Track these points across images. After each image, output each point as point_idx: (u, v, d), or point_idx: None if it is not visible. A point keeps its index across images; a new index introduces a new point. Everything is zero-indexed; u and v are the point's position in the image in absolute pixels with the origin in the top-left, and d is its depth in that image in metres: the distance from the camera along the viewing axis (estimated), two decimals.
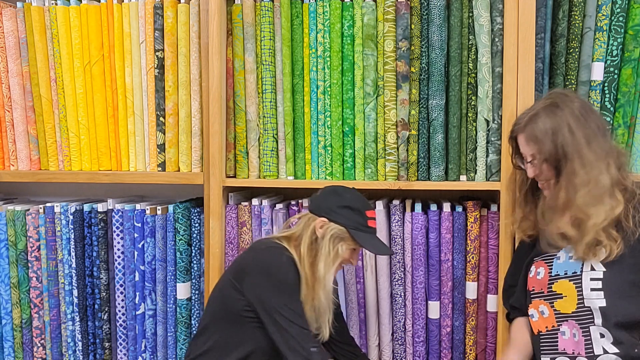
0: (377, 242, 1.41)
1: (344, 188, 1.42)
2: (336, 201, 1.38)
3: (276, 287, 1.33)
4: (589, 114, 1.25)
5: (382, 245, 1.42)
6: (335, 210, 1.37)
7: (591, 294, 1.20)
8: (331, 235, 1.36)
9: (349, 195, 1.40)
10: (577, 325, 1.21)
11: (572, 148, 1.20)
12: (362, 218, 1.37)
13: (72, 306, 1.77)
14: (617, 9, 1.45)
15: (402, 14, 1.55)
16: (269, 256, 1.36)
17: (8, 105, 1.81)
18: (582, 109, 1.24)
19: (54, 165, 1.81)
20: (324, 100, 1.63)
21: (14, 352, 1.82)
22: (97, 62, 1.74)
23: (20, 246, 1.80)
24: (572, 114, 1.23)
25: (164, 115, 1.71)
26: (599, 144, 1.21)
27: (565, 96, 1.28)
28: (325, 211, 1.37)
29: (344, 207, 1.37)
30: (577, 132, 1.21)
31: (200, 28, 1.66)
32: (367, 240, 1.37)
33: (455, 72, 1.54)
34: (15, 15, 1.77)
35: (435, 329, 1.62)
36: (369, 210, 1.39)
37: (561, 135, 1.22)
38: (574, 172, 1.20)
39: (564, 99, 1.27)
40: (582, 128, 1.21)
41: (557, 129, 1.22)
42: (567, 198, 1.22)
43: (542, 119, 1.25)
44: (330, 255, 1.36)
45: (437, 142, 1.56)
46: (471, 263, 1.58)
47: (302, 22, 1.64)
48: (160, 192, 2.01)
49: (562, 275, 1.26)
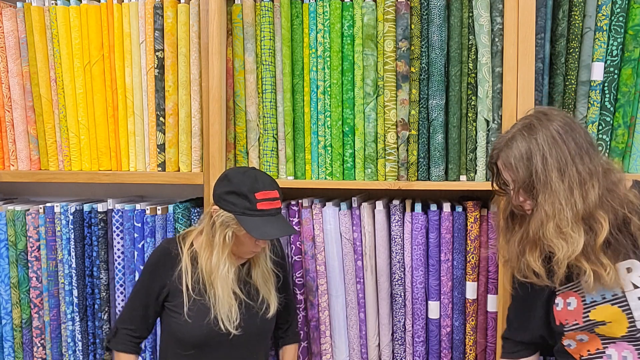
0: (267, 225, 1.33)
1: (238, 171, 1.39)
2: (224, 187, 1.36)
3: (143, 267, 1.48)
4: (569, 133, 1.15)
5: (273, 228, 1.34)
6: (222, 197, 1.35)
7: None
8: (220, 222, 1.36)
9: (238, 179, 1.35)
10: (632, 346, 1.14)
11: (543, 177, 1.13)
12: (248, 202, 1.32)
13: (72, 306, 1.77)
14: (617, 9, 1.45)
15: (402, 14, 1.55)
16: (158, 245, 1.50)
17: (8, 105, 1.81)
18: (561, 129, 1.15)
19: (54, 165, 1.81)
20: (324, 100, 1.63)
21: (14, 352, 1.82)
22: (97, 62, 1.74)
23: (20, 246, 1.80)
24: (548, 136, 1.15)
25: (164, 115, 1.71)
26: (577, 169, 1.13)
27: (543, 115, 1.19)
28: (216, 198, 1.38)
29: (230, 193, 1.34)
30: (550, 158, 1.13)
31: (200, 28, 1.66)
32: (253, 224, 1.32)
33: (455, 72, 1.55)
34: (15, 15, 1.77)
35: (435, 329, 1.62)
36: (259, 192, 1.34)
37: (534, 162, 1.14)
38: (544, 203, 1.13)
39: (542, 119, 1.18)
40: (557, 153, 1.13)
41: (530, 155, 1.15)
42: (536, 230, 1.15)
43: (516, 144, 1.17)
44: (220, 244, 1.37)
45: (437, 142, 1.56)
46: (471, 263, 1.58)
47: (302, 22, 1.64)
48: (160, 192, 2.01)
49: (600, 301, 1.17)
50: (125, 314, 1.48)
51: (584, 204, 1.11)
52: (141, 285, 1.47)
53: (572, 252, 1.11)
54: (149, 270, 1.46)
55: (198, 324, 1.38)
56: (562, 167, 1.13)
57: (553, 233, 1.12)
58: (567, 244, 1.11)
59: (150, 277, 1.44)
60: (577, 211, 1.11)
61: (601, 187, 1.13)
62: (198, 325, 1.38)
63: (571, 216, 1.11)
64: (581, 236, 1.11)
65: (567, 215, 1.11)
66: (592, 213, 1.12)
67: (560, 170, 1.13)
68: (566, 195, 1.12)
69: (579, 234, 1.11)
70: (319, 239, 1.64)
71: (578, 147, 1.14)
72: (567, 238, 1.11)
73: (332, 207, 1.63)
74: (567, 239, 1.11)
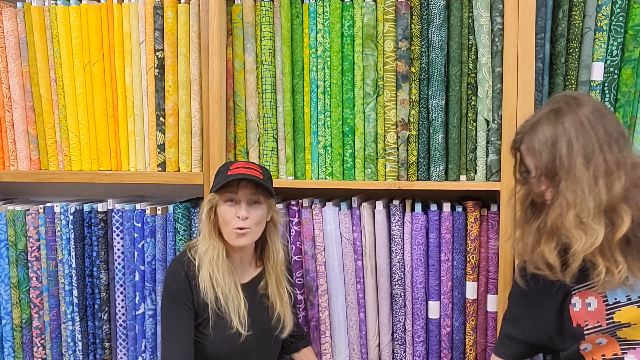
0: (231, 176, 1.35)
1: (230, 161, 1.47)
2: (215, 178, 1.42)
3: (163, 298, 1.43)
4: (599, 120, 1.09)
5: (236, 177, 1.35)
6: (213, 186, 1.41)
7: None
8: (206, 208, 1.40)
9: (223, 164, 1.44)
10: None
11: (567, 163, 1.07)
12: (224, 175, 1.37)
13: (72, 306, 1.77)
14: (617, 9, 1.45)
15: (402, 14, 1.55)
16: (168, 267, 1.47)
17: (8, 105, 1.81)
18: (591, 115, 1.09)
19: (54, 165, 1.81)
20: (324, 100, 1.63)
21: (14, 352, 1.82)
22: (97, 62, 1.74)
23: (20, 246, 1.80)
24: (576, 121, 1.09)
25: (164, 115, 1.71)
26: (604, 157, 1.07)
27: (573, 100, 1.14)
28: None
29: (214, 178, 1.42)
30: (577, 144, 1.07)
31: (200, 28, 1.66)
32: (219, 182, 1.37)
33: (455, 72, 1.55)
34: (15, 15, 1.77)
35: (435, 329, 1.62)
36: (235, 164, 1.40)
37: (559, 147, 1.08)
38: (565, 191, 1.07)
39: (571, 103, 1.13)
40: (584, 140, 1.08)
41: (555, 139, 1.09)
42: (555, 219, 1.09)
43: (542, 128, 1.12)
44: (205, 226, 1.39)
45: (437, 142, 1.56)
46: (471, 263, 1.58)
47: (302, 22, 1.64)
48: (160, 192, 2.01)
49: (625, 302, 1.11)
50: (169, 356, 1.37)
51: (608, 195, 1.05)
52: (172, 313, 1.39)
53: (591, 245, 1.04)
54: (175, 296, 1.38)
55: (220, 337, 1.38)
56: (589, 155, 1.07)
57: (572, 223, 1.06)
58: (586, 235, 1.04)
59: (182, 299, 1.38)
60: (600, 202, 1.05)
61: (628, 180, 1.06)
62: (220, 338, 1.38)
63: (593, 206, 1.05)
64: (601, 229, 1.04)
65: (589, 205, 1.05)
66: (615, 206, 1.05)
67: (585, 158, 1.07)
68: (590, 183, 1.05)
69: (599, 226, 1.05)
70: (319, 239, 1.64)
71: (607, 135, 1.08)
72: (586, 229, 1.05)
73: (332, 207, 1.63)
74: (586, 231, 1.05)
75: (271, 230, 1.47)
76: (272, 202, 1.44)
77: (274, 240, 1.47)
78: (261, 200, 1.40)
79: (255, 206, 1.39)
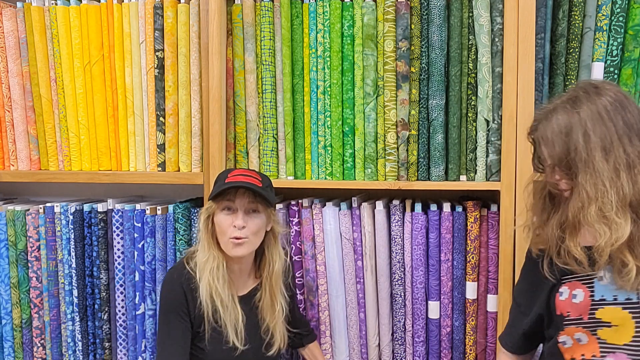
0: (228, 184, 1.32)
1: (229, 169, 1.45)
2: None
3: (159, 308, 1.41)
4: (619, 110, 1.04)
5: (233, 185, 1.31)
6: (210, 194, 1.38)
7: None
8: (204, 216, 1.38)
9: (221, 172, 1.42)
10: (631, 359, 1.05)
11: (584, 154, 1.03)
12: (221, 183, 1.34)
13: (72, 306, 1.77)
14: (617, 9, 1.45)
15: (402, 14, 1.55)
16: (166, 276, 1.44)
17: (8, 105, 1.81)
18: (610, 105, 1.04)
19: (54, 165, 1.81)
20: (324, 100, 1.63)
21: (14, 352, 1.82)
22: (97, 62, 1.74)
23: (20, 246, 1.80)
24: (593, 112, 1.04)
25: (164, 115, 1.71)
26: (624, 149, 1.02)
27: (593, 88, 1.08)
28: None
29: (214, 185, 1.40)
30: (594, 135, 1.03)
31: (200, 28, 1.66)
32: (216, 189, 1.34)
33: (455, 72, 1.55)
34: (15, 15, 1.77)
35: (435, 329, 1.62)
36: (233, 171, 1.37)
37: (574, 137, 1.04)
38: (585, 184, 1.03)
39: (590, 92, 1.07)
40: (601, 131, 1.03)
41: (570, 130, 1.05)
42: (576, 214, 1.05)
43: (556, 117, 1.08)
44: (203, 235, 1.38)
45: (437, 142, 1.56)
46: (471, 263, 1.58)
47: (302, 22, 1.64)
48: (160, 192, 2.01)
49: (611, 301, 1.08)
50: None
51: (634, 188, 1.01)
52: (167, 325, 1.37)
53: (616, 240, 1.00)
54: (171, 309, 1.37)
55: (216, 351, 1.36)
56: (607, 146, 1.02)
57: (595, 217, 1.02)
58: (610, 230, 1.01)
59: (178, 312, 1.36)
60: (623, 195, 1.01)
61: None
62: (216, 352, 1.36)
63: (616, 200, 1.01)
64: (627, 223, 1.00)
65: (611, 199, 1.01)
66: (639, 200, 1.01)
67: (604, 150, 1.02)
68: (611, 176, 1.01)
69: (624, 220, 1.00)
70: (319, 239, 1.64)
71: (627, 127, 1.03)
72: (610, 224, 1.01)
73: (332, 207, 1.63)
74: (610, 225, 1.01)
75: (270, 241, 1.43)
76: (272, 212, 1.41)
77: (271, 252, 1.43)
78: (260, 209, 1.36)
79: (253, 215, 1.35)
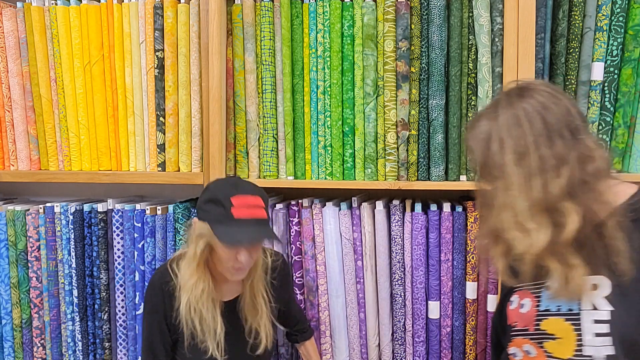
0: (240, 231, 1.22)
1: (220, 179, 1.36)
2: (204, 197, 1.28)
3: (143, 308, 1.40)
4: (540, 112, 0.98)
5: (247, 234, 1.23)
6: (201, 207, 1.28)
7: (595, 340, 0.96)
8: (196, 235, 1.29)
9: (215, 186, 1.30)
10: None
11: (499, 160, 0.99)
12: (223, 209, 1.23)
13: (72, 306, 1.77)
14: (617, 9, 1.45)
15: (402, 14, 1.55)
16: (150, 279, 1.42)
17: (8, 105, 1.81)
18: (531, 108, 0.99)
19: (54, 165, 1.81)
20: (324, 100, 1.63)
21: (14, 352, 1.83)
22: (97, 62, 1.74)
23: (20, 246, 1.80)
24: (511, 116, 0.99)
25: (164, 115, 1.71)
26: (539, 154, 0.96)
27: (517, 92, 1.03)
28: (197, 210, 1.31)
29: (208, 202, 1.26)
30: (509, 140, 0.98)
31: (200, 28, 1.66)
32: (225, 230, 1.22)
33: (455, 72, 1.55)
34: (15, 15, 1.77)
35: (435, 329, 1.62)
36: (236, 196, 1.24)
37: (491, 143, 1.00)
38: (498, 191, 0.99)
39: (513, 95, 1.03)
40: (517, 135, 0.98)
41: (489, 136, 1.01)
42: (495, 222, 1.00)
43: (480, 124, 1.04)
44: (191, 255, 1.30)
45: (437, 142, 1.56)
46: (471, 263, 1.58)
47: (302, 22, 1.64)
48: (160, 192, 2.01)
49: (554, 312, 1.02)
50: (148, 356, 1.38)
51: (545, 193, 0.95)
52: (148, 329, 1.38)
53: (530, 246, 0.95)
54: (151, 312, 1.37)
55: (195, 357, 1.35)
56: (521, 151, 0.97)
57: (508, 224, 0.97)
58: (523, 236, 0.96)
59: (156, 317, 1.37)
60: (534, 201, 0.96)
61: (573, 176, 0.96)
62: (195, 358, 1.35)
63: (527, 206, 0.96)
64: (542, 229, 0.95)
65: (521, 205, 0.96)
66: (555, 205, 0.95)
67: (517, 154, 0.97)
68: (520, 182, 0.96)
69: (539, 226, 0.95)
70: (319, 239, 1.65)
71: (547, 129, 0.97)
72: (523, 230, 0.96)
73: (332, 207, 1.63)
74: (523, 231, 0.96)
75: None
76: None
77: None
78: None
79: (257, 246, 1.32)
